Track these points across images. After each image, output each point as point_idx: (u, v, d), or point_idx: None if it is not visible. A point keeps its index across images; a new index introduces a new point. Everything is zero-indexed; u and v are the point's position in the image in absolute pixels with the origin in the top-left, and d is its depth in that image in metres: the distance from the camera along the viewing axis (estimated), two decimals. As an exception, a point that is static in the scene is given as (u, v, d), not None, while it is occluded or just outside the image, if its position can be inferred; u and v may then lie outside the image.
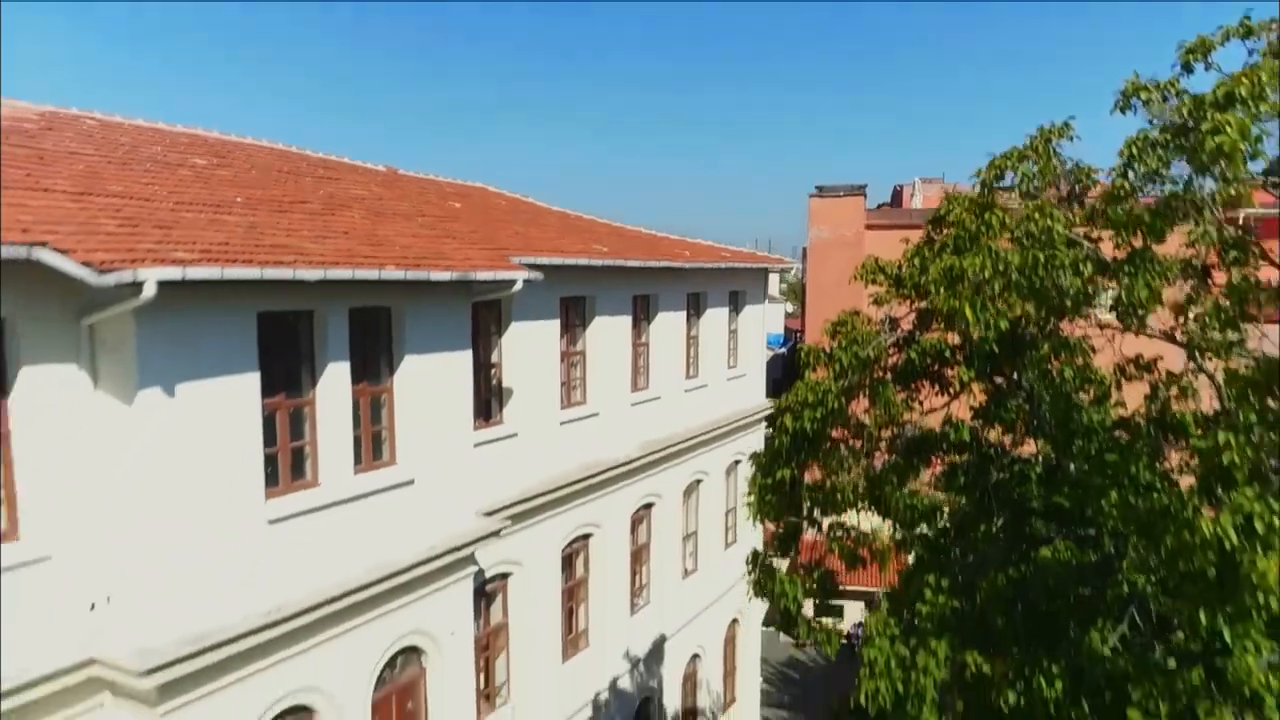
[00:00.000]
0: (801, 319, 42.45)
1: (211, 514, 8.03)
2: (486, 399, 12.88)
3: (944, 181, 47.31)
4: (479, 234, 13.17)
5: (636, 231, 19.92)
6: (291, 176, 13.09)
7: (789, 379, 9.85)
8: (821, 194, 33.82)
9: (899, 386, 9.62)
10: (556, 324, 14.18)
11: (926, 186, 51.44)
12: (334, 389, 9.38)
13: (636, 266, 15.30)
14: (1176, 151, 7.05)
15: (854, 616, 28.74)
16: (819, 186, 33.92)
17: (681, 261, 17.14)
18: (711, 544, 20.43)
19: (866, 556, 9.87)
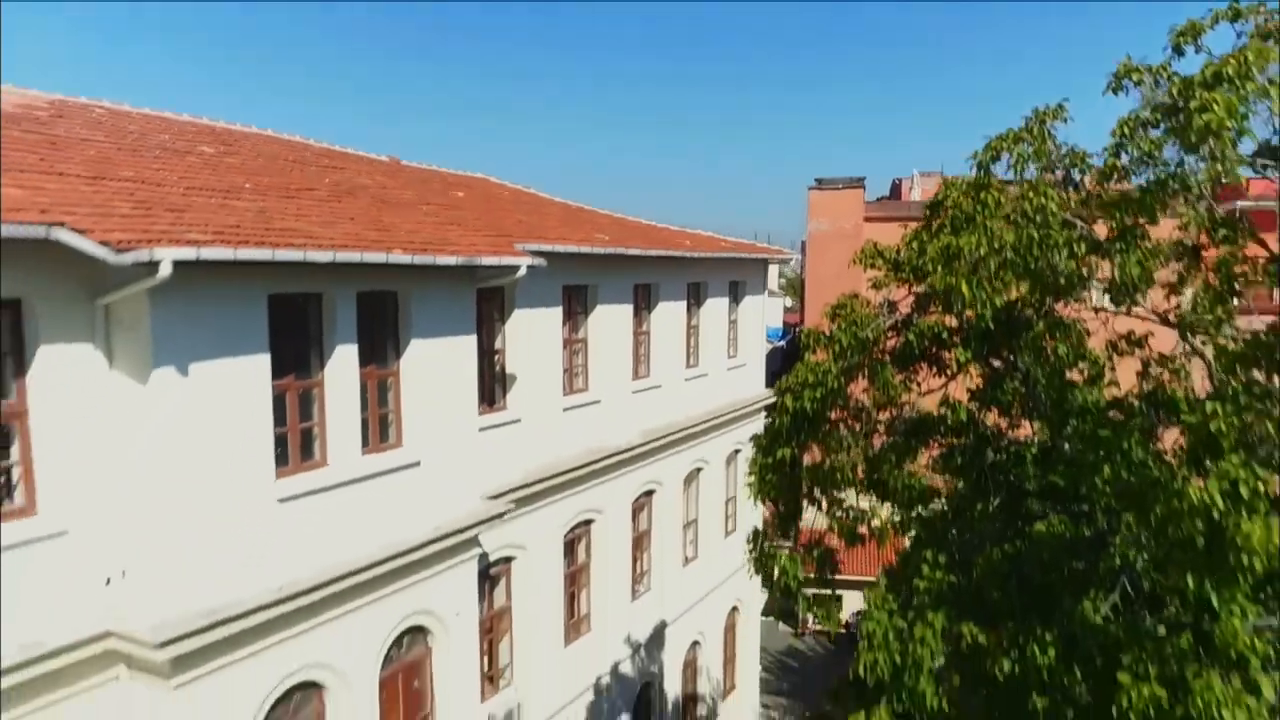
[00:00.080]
0: (800, 313, 42.62)
1: (223, 492, 8.20)
2: (490, 385, 13.04)
3: (942, 174, 47.41)
4: (483, 221, 13.32)
5: (638, 222, 20.09)
6: (297, 165, 13.25)
7: (788, 370, 10.01)
8: (821, 186, 34.04)
9: (897, 369, 9.78)
10: (559, 311, 14.34)
11: (925, 180, 51.37)
12: (342, 371, 9.55)
13: (638, 254, 15.45)
14: (1167, 134, 7.22)
15: (852, 606, 28.86)
16: (818, 179, 34.16)
17: (682, 250, 17.30)
18: (711, 532, 20.61)
19: (865, 534, 10.04)
